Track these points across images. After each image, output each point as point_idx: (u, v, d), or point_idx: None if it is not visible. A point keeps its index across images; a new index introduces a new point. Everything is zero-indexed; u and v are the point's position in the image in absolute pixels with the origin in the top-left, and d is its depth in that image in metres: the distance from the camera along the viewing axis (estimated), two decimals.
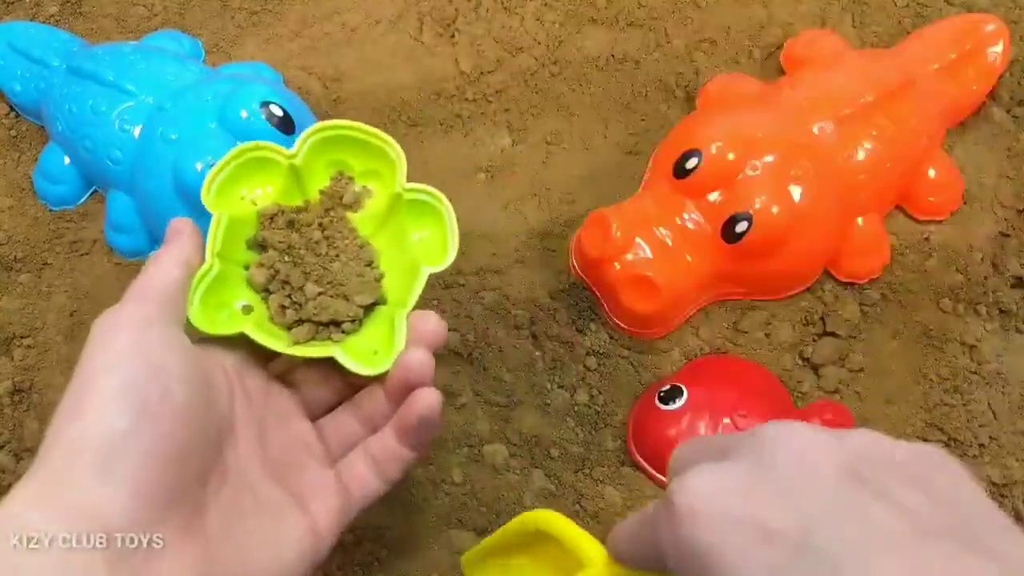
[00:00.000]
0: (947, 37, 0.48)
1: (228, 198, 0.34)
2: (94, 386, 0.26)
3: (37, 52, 0.49)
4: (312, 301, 0.33)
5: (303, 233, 0.34)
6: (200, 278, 0.32)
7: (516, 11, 0.52)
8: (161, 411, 0.26)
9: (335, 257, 0.35)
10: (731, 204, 0.41)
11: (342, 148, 0.36)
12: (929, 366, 0.44)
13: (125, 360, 0.26)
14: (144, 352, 0.27)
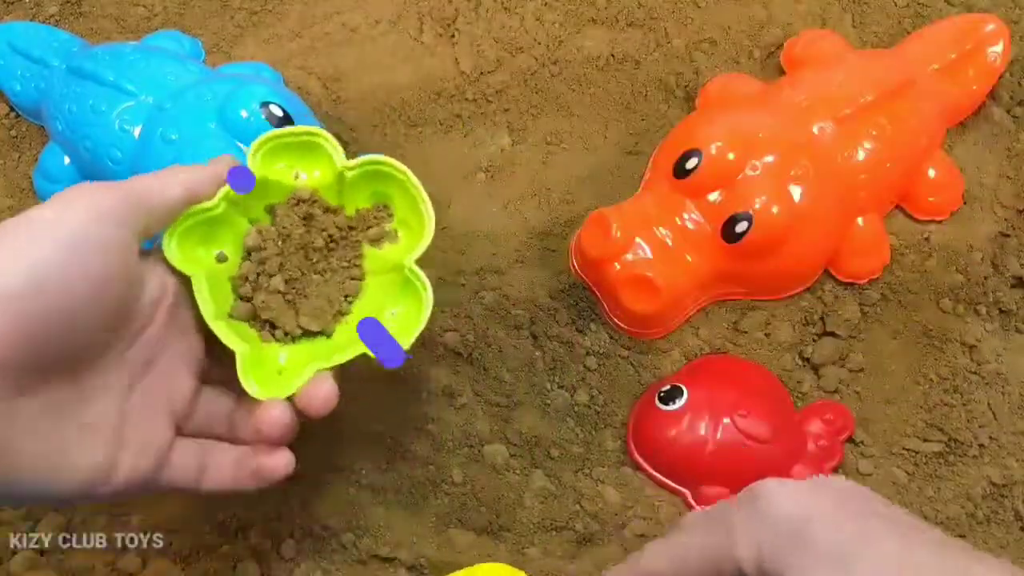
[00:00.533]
0: (947, 37, 0.48)
1: (271, 165, 0.35)
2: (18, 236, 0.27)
3: (37, 52, 0.49)
4: (268, 294, 0.33)
5: (311, 232, 0.34)
6: (197, 211, 0.32)
7: (516, 11, 0.52)
8: (56, 297, 0.26)
9: (322, 272, 0.35)
10: (731, 204, 0.41)
11: (389, 185, 0.36)
12: (929, 366, 0.44)
13: (60, 236, 0.27)
14: (81, 239, 0.27)
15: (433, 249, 0.46)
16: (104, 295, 0.28)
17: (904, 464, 0.42)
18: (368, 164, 0.35)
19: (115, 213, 0.29)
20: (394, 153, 0.49)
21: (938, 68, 0.47)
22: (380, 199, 0.36)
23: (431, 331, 0.45)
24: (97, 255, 0.28)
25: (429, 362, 0.44)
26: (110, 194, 0.29)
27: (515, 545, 0.40)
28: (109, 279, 0.28)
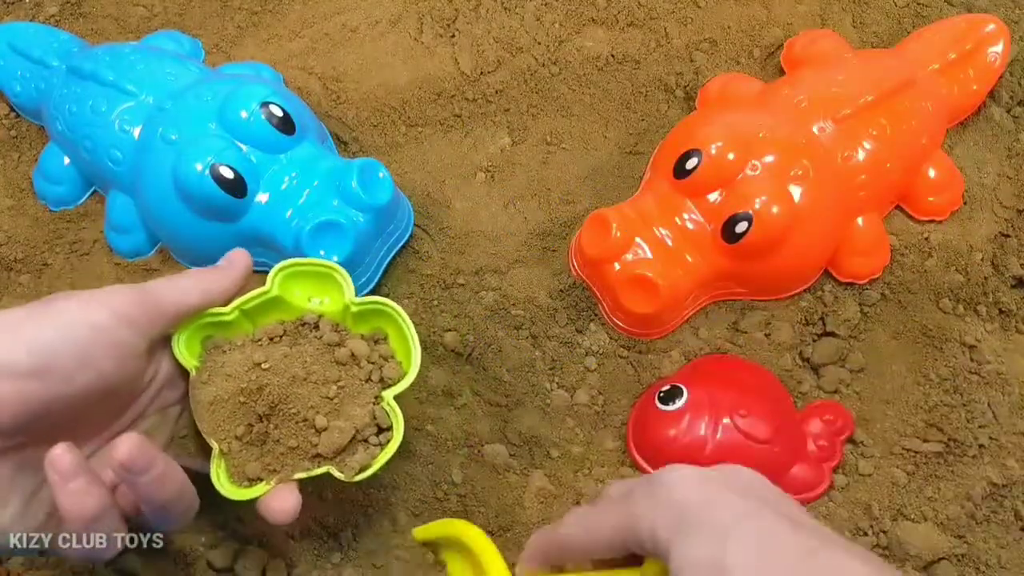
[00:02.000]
0: (947, 37, 0.48)
1: (289, 288, 0.37)
2: (41, 322, 0.29)
3: (37, 52, 0.49)
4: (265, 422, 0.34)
5: (320, 362, 0.35)
6: (210, 314, 0.34)
7: (516, 11, 0.52)
8: (58, 384, 0.28)
9: (312, 405, 0.34)
10: (731, 204, 0.41)
11: (387, 323, 0.37)
12: (929, 366, 0.44)
13: (78, 332, 0.29)
14: (96, 338, 0.29)
15: (433, 249, 0.47)
16: (104, 387, 0.30)
17: (904, 464, 0.42)
18: (371, 303, 0.37)
19: (133, 319, 0.31)
20: (394, 153, 0.50)
21: (938, 68, 0.47)
22: (377, 330, 0.38)
23: (431, 331, 0.45)
24: (108, 355, 0.30)
25: (429, 362, 0.44)
26: (133, 299, 0.31)
27: (515, 545, 0.40)
28: (113, 375, 0.30)
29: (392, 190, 0.42)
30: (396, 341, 0.37)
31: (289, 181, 0.42)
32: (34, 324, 0.29)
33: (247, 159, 0.41)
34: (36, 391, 0.28)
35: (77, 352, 0.29)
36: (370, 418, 0.34)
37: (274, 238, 0.42)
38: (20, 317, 0.29)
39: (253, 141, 0.42)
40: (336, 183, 0.41)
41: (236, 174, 0.40)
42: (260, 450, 0.34)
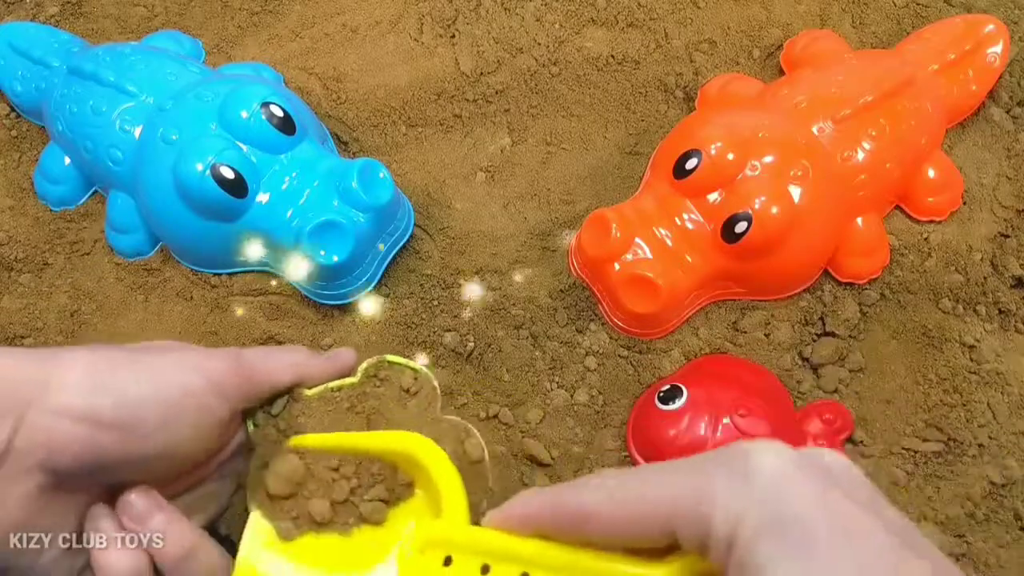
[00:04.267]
0: (947, 38, 0.48)
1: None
2: (134, 371, 0.28)
3: (38, 52, 0.49)
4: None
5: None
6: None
7: (516, 11, 0.52)
8: (135, 440, 0.28)
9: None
10: (730, 204, 0.41)
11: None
12: (929, 366, 0.44)
13: (169, 392, 0.28)
14: (184, 401, 0.29)
15: (433, 249, 0.47)
16: (178, 451, 0.29)
17: (904, 464, 0.42)
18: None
19: (225, 388, 0.30)
20: (394, 153, 0.50)
21: (937, 68, 0.47)
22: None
23: (431, 331, 0.45)
24: (191, 420, 0.29)
25: (429, 362, 0.44)
26: (228, 368, 0.30)
27: None
28: (191, 441, 0.29)
29: (392, 190, 0.42)
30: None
31: (289, 181, 0.42)
32: (128, 374, 0.28)
33: (248, 159, 0.41)
34: (108, 442, 0.27)
35: (162, 413, 0.28)
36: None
37: (274, 238, 0.42)
38: (115, 361, 0.28)
39: (253, 141, 0.42)
40: (336, 183, 0.41)
41: (237, 174, 0.41)
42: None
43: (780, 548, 0.20)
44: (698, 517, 0.22)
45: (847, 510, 0.21)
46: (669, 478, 0.23)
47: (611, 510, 0.23)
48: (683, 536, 0.22)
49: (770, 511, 0.21)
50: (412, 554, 0.27)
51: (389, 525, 0.31)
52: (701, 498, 0.22)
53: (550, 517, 0.25)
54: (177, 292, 0.46)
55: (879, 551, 0.20)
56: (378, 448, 0.31)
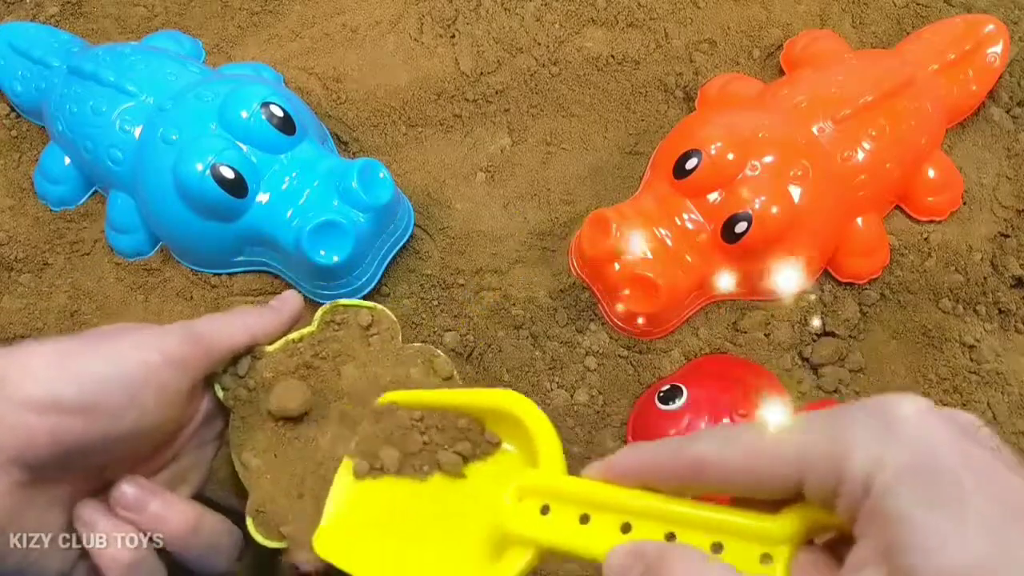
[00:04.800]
0: (947, 38, 0.48)
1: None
2: (93, 356, 0.28)
3: (38, 52, 0.49)
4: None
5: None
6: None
7: (516, 11, 0.52)
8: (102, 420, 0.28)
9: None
10: (730, 204, 0.41)
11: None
12: (929, 366, 0.44)
13: (128, 369, 0.28)
14: (145, 378, 0.29)
15: (433, 249, 0.47)
16: (147, 427, 0.29)
17: None
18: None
19: (182, 361, 0.30)
20: (394, 153, 0.50)
21: (937, 68, 0.47)
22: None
23: (431, 331, 0.45)
24: (154, 395, 0.29)
25: None
26: (183, 341, 0.30)
27: None
28: (157, 416, 0.30)
29: (392, 190, 0.42)
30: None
31: (289, 181, 0.42)
32: (86, 358, 0.28)
33: (247, 159, 0.41)
34: (77, 428, 0.27)
35: (127, 391, 0.28)
36: None
37: (274, 238, 0.42)
38: (71, 349, 0.28)
39: (253, 141, 0.42)
40: (336, 183, 0.41)
41: (237, 174, 0.41)
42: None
43: (922, 493, 0.20)
44: (832, 462, 0.21)
45: (991, 463, 0.21)
46: (799, 424, 0.22)
47: (733, 456, 0.23)
48: (812, 482, 0.21)
49: (913, 457, 0.20)
50: (511, 502, 0.27)
51: (474, 480, 0.31)
52: (837, 442, 0.21)
53: (660, 466, 0.24)
54: (177, 292, 0.46)
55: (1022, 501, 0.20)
56: (466, 404, 0.32)
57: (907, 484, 0.20)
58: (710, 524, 0.23)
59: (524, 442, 0.30)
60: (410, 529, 0.31)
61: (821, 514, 0.22)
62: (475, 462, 0.32)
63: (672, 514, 0.24)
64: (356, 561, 0.30)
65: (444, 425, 0.32)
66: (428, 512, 0.31)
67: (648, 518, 0.24)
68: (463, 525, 0.30)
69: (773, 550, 0.22)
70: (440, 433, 0.32)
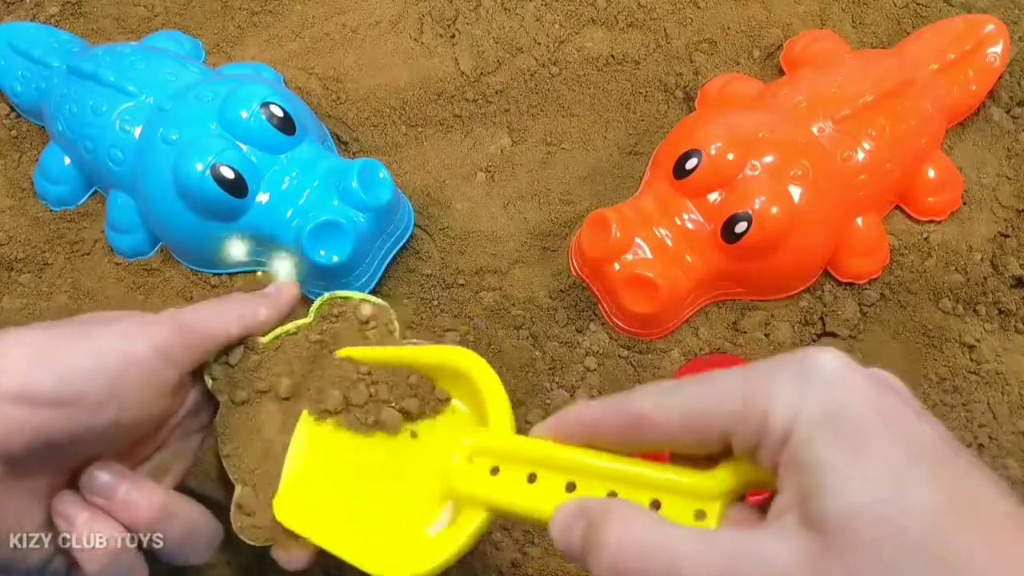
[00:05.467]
0: (946, 38, 0.48)
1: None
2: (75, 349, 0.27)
3: (38, 52, 0.49)
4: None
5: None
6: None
7: (516, 11, 0.52)
8: (84, 412, 0.27)
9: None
10: (730, 204, 0.41)
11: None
12: (929, 366, 0.44)
13: (111, 362, 0.28)
14: (129, 370, 0.28)
15: (433, 249, 0.47)
16: (130, 420, 0.29)
17: None
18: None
19: (170, 352, 0.29)
20: (394, 153, 0.50)
21: (937, 68, 0.47)
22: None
23: (431, 331, 0.45)
24: (139, 389, 0.28)
25: None
26: (172, 333, 0.29)
27: (515, 545, 0.40)
28: (142, 409, 0.29)
29: (392, 190, 0.42)
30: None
31: (289, 181, 0.42)
32: (68, 349, 0.27)
33: (247, 159, 0.41)
34: (56, 420, 0.26)
35: (108, 384, 0.27)
36: None
37: (274, 238, 0.42)
38: (53, 338, 0.27)
39: (253, 141, 0.42)
40: (336, 183, 0.41)
41: (237, 174, 0.41)
42: None
43: (833, 440, 0.20)
44: (756, 416, 0.22)
45: (900, 410, 0.21)
46: (728, 380, 0.23)
47: (667, 412, 0.24)
48: (738, 437, 0.22)
49: (826, 406, 0.21)
50: (460, 462, 0.28)
51: (425, 439, 0.32)
52: (760, 396, 0.22)
53: (603, 422, 0.25)
54: (177, 292, 0.46)
55: (928, 446, 0.21)
56: (417, 361, 0.32)
57: (819, 431, 0.21)
58: (649, 481, 0.24)
59: (474, 401, 0.31)
60: (363, 489, 0.31)
61: (750, 469, 0.23)
62: (424, 420, 0.32)
63: (614, 472, 0.25)
64: (313, 526, 0.30)
65: (393, 381, 0.32)
66: (380, 472, 0.31)
67: (591, 476, 0.25)
68: (415, 484, 0.31)
69: (707, 506, 0.23)
70: (388, 388, 0.32)
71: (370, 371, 0.32)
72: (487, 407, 0.29)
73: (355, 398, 0.32)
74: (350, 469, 0.32)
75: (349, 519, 0.30)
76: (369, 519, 0.30)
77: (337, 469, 0.32)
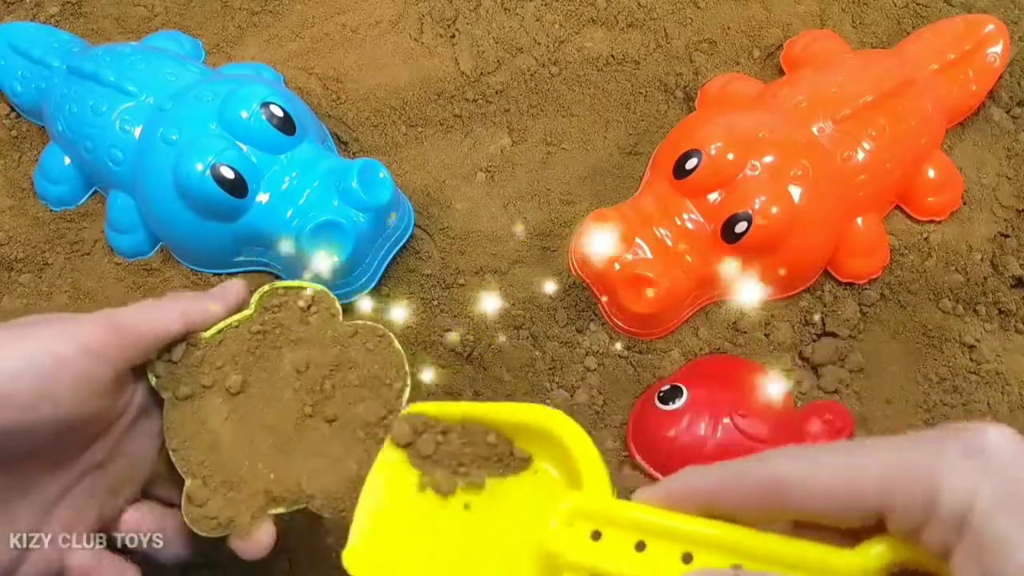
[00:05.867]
0: (946, 38, 0.48)
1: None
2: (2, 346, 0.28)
3: (38, 52, 0.49)
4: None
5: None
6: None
7: (516, 11, 0.52)
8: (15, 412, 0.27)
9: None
10: (730, 204, 0.41)
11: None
12: (929, 366, 0.44)
13: (41, 361, 0.28)
14: (59, 370, 0.28)
15: (433, 249, 0.47)
16: (66, 419, 0.29)
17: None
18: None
19: (101, 351, 0.29)
20: (394, 153, 0.50)
21: (937, 68, 0.47)
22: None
23: (431, 331, 0.45)
24: (70, 387, 0.28)
25: (429, 362, 0.44)
26: (103, 332, 0.29)
27: None
28: (75, 408, 0.29)
29: (392, 190, 0.42)
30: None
31: (289, 181, 0.42)
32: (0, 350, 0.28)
33: (247, 159, 0.41)
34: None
35: (37, 383, 0.27)
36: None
37: (274, 238, 0.42)
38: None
39: (253, 141, 0.42)
40: (336, 183, 0.41)
41: (237, 174, 0.41)
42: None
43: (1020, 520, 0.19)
44: (924, 493, 0.20)
45: None
46: (886, 452, 0.21)
47: (811, 480, 0.22)
48: (899, 514, 0.21)
49: (1007, 486, 0.20)
50: (559, 527, 0.26)
51: (507, 500, 0.30)
52: (927, 473, 0.21)
53: (727, 491, 0.23)
54: None
55: None
56: (496, 418, 0.31)
57: (1003, 511, 0.20)
58: (783, 557, 0.22)
59: (560, 461, 0.29)
60: (445, 550, 0.30)
61: (906, 547, 0.21)
62: (505, 479, 0.31)
63: (739, 544, 0.22)
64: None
65: (471, 440, 0.31)
66: (462, 533, 0.30)
67: (712, 548, 0.23)
68: (501, 547, 0.29)
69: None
70: (468, 448, 0.31)
71: (446, 431, 0.32)
72: (580, 468, 0.27)
73: (436, 456, 0.31)
74: (427, 525, 0.30)
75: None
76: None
77: (415, 527, 0.30)
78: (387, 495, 0.31)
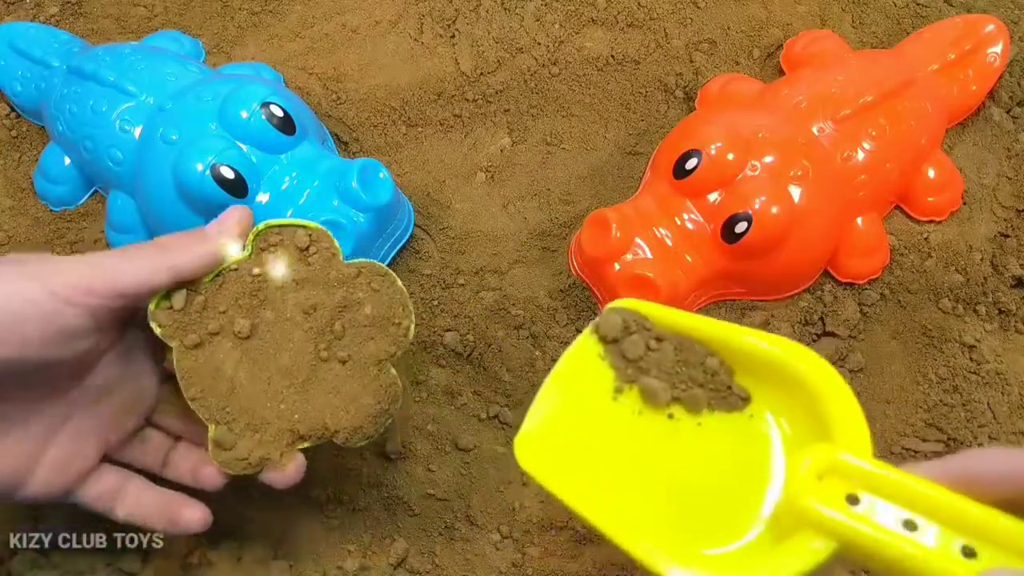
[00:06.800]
0: (946, 38, 0.48)
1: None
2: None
3: (38, 52, 0.49)
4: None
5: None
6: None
7: (516, 11, 0.52)
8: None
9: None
10: (730, 204, 0.41)
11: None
12: (929, 366, 0.44)
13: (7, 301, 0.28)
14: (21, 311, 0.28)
15: (433, 249, 0.47)
16: (37, 360, 0.29)
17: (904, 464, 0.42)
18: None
19: (71, 295, 0.29)
20: (394, 153, 0.50)
21: (937, 68, 0.47)
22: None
23: (431, 331, 0.45)
24: (37, 329, 0.29)
25: (429, 362, 0.44)
26: (79, 277, 0.29)
27: (515, 545, 0.40)
28: (45, 350, 0.29)
29: (392, 190, 0.42)
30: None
31: (289, 181, 0.42)
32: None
33: (248, 159, 0.41)
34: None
35: (5, 320, 0.28)
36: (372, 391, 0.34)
37: None
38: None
39: (253, 141, 0.42)
40: (336, 183, 0.41)
41: (237, 174, 0.41)
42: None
43: None
44: None
45: None
46: None
47: None
48: None
49: None
50: (808, 476, 0.22)
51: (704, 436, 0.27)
52: None
53: None
54: None
55: None
56: (727, 341, 0.27)
57: None
58: None
59: (795, 411, 0.25)
60: (622, 468, 0.26)
61: None
62: (712, 415, 0.27)
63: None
64: (562, 481, 0.26)
65: (687, 359, 0.27)
66: (648, 455, 0.26)
67: (1001, 547, 0.19)
68: (705, 479, 0.25)
69: None
70: (681, 367, 0.27)
71: (659, 336, 0.28)
72: (833, 421, 0.23)
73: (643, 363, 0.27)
74: (610, 435, 0.27)
75: (611, 491, 0.26)
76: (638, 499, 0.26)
77: (594, 428, 0.27)
78: (572, 390, 0.28)
